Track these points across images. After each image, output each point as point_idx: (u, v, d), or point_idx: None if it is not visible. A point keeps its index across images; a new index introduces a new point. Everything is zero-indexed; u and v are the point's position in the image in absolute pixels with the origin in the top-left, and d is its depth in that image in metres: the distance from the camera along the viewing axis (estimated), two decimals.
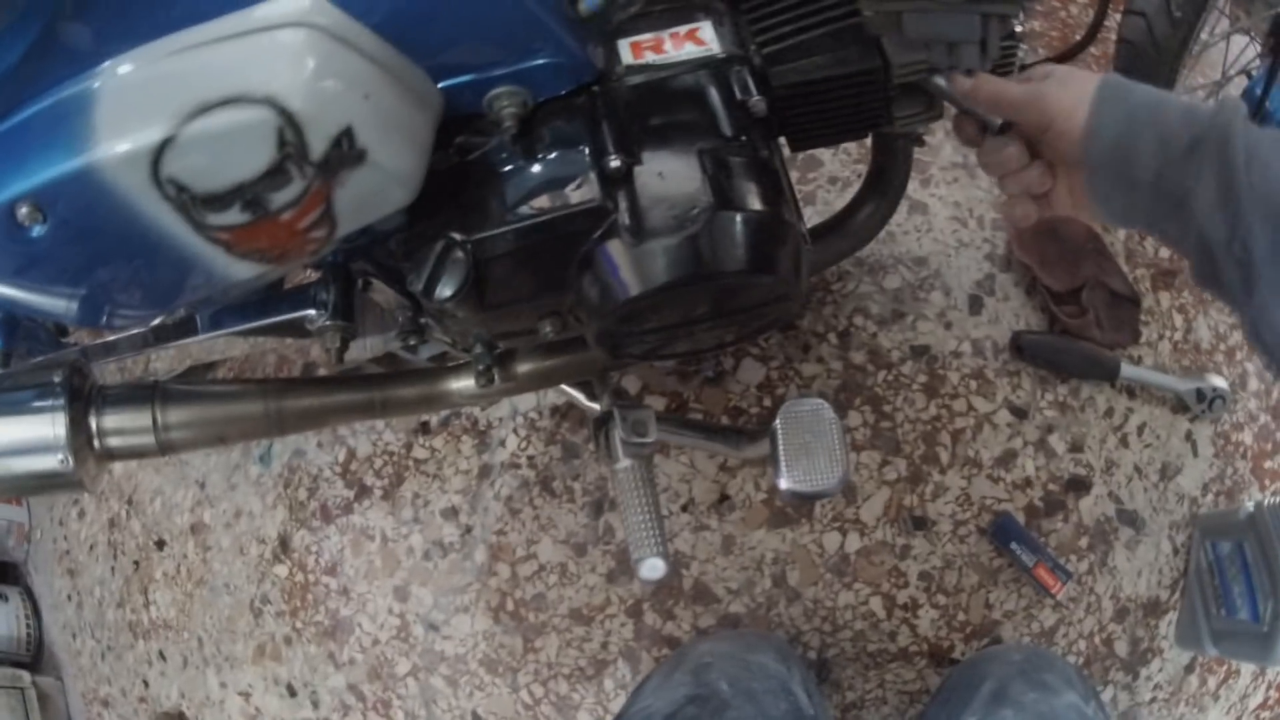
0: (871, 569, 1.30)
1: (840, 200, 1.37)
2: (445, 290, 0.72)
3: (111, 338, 1.01)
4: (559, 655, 1.33)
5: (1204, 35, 1.37)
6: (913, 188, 1.39)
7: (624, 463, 0.88)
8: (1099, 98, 0.73)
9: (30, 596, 1.92)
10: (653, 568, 0.84)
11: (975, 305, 1.40)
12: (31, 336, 1.09)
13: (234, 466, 1.54)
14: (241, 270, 0.72)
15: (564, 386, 1.01)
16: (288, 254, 0.72)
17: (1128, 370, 1.37)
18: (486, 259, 0.74)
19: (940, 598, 1.30)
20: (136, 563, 1.63)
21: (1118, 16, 1.38)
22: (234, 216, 0.66)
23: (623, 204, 0.72)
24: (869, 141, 1.22)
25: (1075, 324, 1.38)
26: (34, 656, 1.88)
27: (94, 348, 1.03)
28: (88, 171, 0.63)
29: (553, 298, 0.79)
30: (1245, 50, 1.53)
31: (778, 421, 0.88)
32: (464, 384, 0.95)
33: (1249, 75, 1.52)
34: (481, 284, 0.74)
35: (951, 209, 1.46)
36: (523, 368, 0.95)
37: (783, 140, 0.87)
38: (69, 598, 1.78)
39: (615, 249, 0.73)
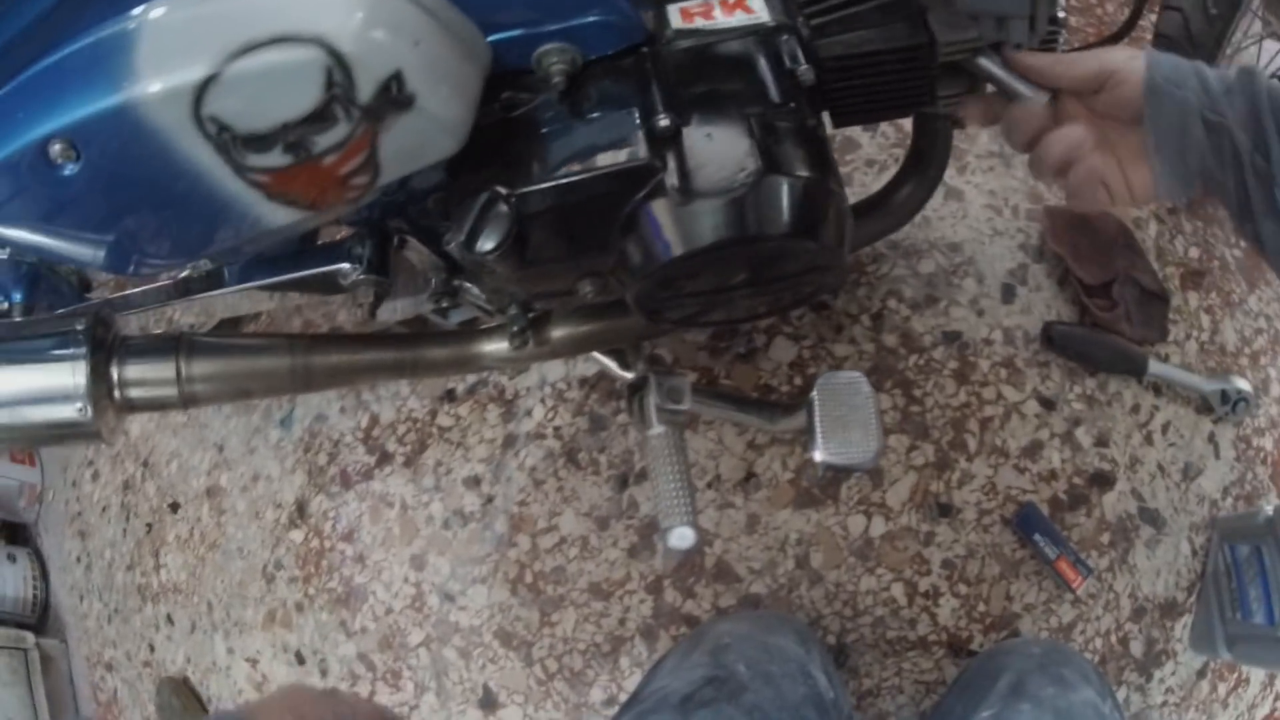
0: (895, 554, 1.29)
1: (877, 183, 1.35)
2: (487, 243, 0.71)
3: (136, 290, 1.00)
4: (576, 630, 1.32)
5: (1236, 37, 1.37)
6: (948, 174, 1.38)
7: (657, 429, 0.87)
8: (1150, 52, 0.78)
9: (39, 558, 1.92)
10: (682, 536, 0.83)
11: (1008, 294, 1.39)
12: (54, 290, 1.08)
13: (254, 430, 1.53)
14: (277, 216, 0.71)
15: (596, 354, 1.00)
16: (326, 201, 0.71)
17: (1155, 367, 1.36)
18: (530, 214, 0.73)
19: (962, 587, 1.29)
20: (149, 525, 1.63)
21: (1153, 16, 1.38)
22: (275, 158, 0.66)
23: (671, 163, 0.72)
24: (907, 125, 1.21)
25: (1106, 317, 1.36)
26: (39, 618, 1.88)
27: (118, 300, 1.02)
28: (126, 108, 0.62)
29: (594, 257, 0.78)
30: (1277, 56, 1.52)
31: (815, 393, 0.87)
32: (497, 346, 0.94)
33: None
34: (523, 239, 0.73)
35: (987, 197, 1.44)
36: (557, 332, 0.95)
37: (825, 116, 0.86)
38: (78, 560, 1.78)
39: (660, 209, 0.72)
